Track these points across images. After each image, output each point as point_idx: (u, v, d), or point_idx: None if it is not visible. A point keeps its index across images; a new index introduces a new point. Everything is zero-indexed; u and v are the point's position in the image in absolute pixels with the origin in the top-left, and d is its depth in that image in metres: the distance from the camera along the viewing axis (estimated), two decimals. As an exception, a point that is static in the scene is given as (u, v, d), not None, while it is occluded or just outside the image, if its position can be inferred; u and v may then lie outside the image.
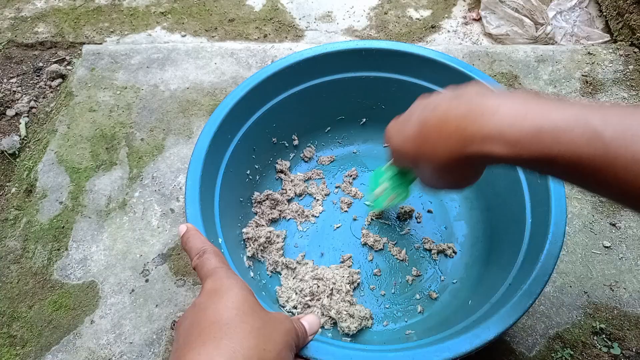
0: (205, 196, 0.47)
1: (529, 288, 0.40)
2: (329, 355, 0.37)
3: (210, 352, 0.27)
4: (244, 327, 0.29)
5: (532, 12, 0.90)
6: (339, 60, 0.58)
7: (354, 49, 0.57)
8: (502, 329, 0.38)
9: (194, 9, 0.98)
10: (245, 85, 0.54)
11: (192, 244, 0.37)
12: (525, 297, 0.40)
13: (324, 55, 0.57)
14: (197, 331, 0.29)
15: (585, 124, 0.26)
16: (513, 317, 0.38)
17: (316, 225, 0.60)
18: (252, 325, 0.30)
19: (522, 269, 0.44)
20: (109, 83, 0.79)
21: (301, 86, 0.59)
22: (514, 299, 0.40)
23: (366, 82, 0.61)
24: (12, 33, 0.90)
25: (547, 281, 0.40)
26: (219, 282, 0.33)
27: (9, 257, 0.61)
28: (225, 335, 0.28)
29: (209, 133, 0.50)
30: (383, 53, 0.57)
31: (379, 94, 0.62)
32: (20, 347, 0.54)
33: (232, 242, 0.50)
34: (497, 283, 0.45)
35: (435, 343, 0.38)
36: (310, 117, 0.63)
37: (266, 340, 0.29)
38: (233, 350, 0.28)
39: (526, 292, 0.40)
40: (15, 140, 0.72)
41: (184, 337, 0.30)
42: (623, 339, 0.54)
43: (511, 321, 0.38)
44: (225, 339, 0.28)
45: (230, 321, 0.29)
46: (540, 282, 0.40)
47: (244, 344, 0.28)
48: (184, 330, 0.30)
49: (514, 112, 0.28)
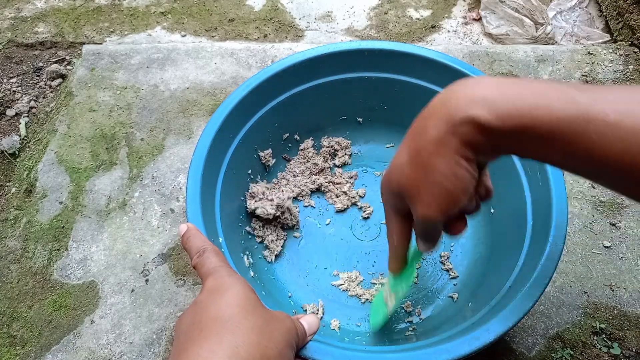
0: (206, 195, 0.47)
1: (529, 290, 0.40)
2: (327, 356, 0.37)
3: (213, 347, 0.27)
4: (246, 324, 0.29)
5: (532, 12, 0.90)
6: (341, 61, 0.58)
7: (357, 49, 0.57)
8: (501, 331, 0.38)
9: (194, 9, 0.98)
10: (247, 85, 0.54)
11: (192, 243, 0.37)
12: (525, 300, 0.39)
13: (327, 55, 0.57)
14: (198, 328, 0.29)
15: (561, 90, 0.27)
16: (512, 320, 0.38)
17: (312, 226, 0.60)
18: (254, 322, 0.30)
19: (522, 271, 0.44)
20: (109, 83, 0.79)
21: (303, 86, 0.59)
22: (514, 301, 0.39)
23: (369, 82, 0.60)
24: (12, 33, 0.90)
25: (548, 284, 0.40)
26: (220, 280, 0.33)
27: (9, 257, 0.61)
28: (227, 331, 0.28)
29: (210, 132, 0.50)
30: (386, 54, 0.57)
31: (382, 94, 0.62)
32: (20, 347, 0.54)
33: (232, 242, 0.50)
34: (498, 285, 0.45)
35: (435, 345, 0.38)
36: (313, 116, 0.63)
37: (268, 338, 0.29)
38: (235, 346, 0.27)
39: (526, 294, 0.40)
40: (15, 140, 0.72)
41: (185, 334, 0.30)
42: (623, 339, 0.54)
43: (510, 323, 0.38)
44: (227, 335, 0.28)
45: (232, 318, 0.29)
46: (540, 284, 0.40)
47: (246, 341, 0.28)
48: (185, 328, 0.30)
49: (496, 82, 0.29)
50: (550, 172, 0.46)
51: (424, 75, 0.58)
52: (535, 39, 0.90)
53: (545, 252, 0.42)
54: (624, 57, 0.81)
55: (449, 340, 0.38)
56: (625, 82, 0.77)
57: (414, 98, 0.60)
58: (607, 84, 0.77)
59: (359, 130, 0.66)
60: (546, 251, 0.42)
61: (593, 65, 0.80)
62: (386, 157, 0.65)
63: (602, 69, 0.79)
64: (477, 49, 0.83)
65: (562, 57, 0.81)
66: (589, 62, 0.80)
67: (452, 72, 0.55)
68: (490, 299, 0.44)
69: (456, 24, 0.97)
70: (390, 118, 0.64)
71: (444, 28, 0.96)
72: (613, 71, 0.79)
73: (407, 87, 0.59)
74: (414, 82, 0.59)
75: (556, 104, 0.27)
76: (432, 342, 0.39)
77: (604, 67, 0.79)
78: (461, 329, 0.41)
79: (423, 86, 0.58)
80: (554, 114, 0.26)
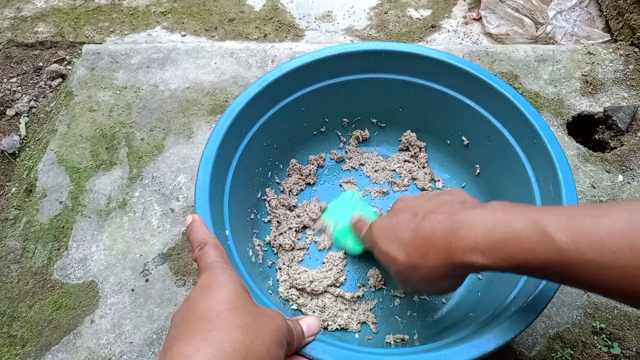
0: (215, 187, 0.47)
1: (532, 302, 0.39)
2: (325, 354, 0.37)
3: (198, 343, 0.28)
4: (233, 321, 0.30)
5: (532, 11, 0.90)
6: (358, 61, 0.58)
7: (375, 50, 0.57)
8: (502, 342, 0.37)
9: (194, 9, 0.98)
10: (263, 81, 0.54)
11: (195, 235, 0.39)
12: (528, 312, 0.39)
13: (344, 54, 0.57)
14: (186, 324, 0.30)
15: (541, 232, 0.30)
16: (514, 331, 0.38)
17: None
18: (242, 319, 0.30)
19: (527, 283, 0.43)
20: (109, 83, 0.79)
21: (318, 85, 0.59)
22: (516, 313, 0.39)
23: (385, 84, 0.60)
24: (12, 33, 0.90)
25: (553, 297, 0.40)
26: (213, 277, 0.33)
27: (9, 257, 0.61)
28: (213, 327, 0.29)
29: (223, 126, 0.50)
30: (403, 56, 0.57)
31: (397, 96, 0.62)
32: (20, 347, 0.54)
33: (238, 234, 0.50)
34: (501, 295, 0.45)
35: (433, 350, 0.37)
36: (327, 116, 0.63)
37: (255, 335, 0.30)
38: (220, 342, 0.28)
39: (530, 306, 0.39)
40: (15, 140, 0.72)
41: (174, 329, 0.30)
42: (623, 338, 0.54)
43: (512, 335, 0.37)
44: (213, 331, 0.28)
45: (220, 314, 0.30)
46: (545, 297, 0.40)
47: (231, 337, 0.28)
48: (175, 323, 0.31)
49: (485, 224, 0.32)
50: (563, 183, 0.46)
51: (439, 79, 0.58)
52: (536, 39, 0.90)
53: None
54: (624, 57, 0.81)
55: (448, 346, 0.37)
56: (626, 82, 0.77)
57: (429, 102, 0.60)
58: (607, 83, 0.77)
59: (373, 131, 0.67)
60: None
61: (593, 65, 0.80)
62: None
63: (602, 69, 0.79)
64: (477, 48, 0.83)
65: (562, 56, 0.81)
66: (589, 62, 0.80)
67: (468, 77, 0.55)
68: (492, 309, 0.44)
69: (456, 24, 0.97)
70: (406, 121, 0.64)
71: (444, 28, 0.96)
72: (613, 71, 0.79)
73: (422, 90, 0.59)
74: (429, 86, 0.59)
75: (538, 247, 0.30)
76: (431, 348, 0.39)
77: (604, 67, 0.79)
78: (461, 336, 0.41)
79: (438, 90, 0.58)
80: (540, 257, 0.30)
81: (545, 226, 0.29)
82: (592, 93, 0.76)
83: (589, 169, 0.67)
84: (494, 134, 0.56)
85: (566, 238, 0.29)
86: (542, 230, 0.29)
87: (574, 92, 0.76)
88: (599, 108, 0.74)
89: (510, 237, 0.31)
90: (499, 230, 0.31)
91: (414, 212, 0.38)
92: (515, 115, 0.52)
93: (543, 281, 0.41)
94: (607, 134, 0.72)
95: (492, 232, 0.31)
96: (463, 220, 0.33)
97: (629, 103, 0.74)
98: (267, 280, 0.54)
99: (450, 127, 0.62)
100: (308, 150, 0.65)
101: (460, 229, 0.33)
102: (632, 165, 0.68)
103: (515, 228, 0.31)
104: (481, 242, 0.32)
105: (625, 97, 0.75)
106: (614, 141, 0.71)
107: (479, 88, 0.55)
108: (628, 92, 0.76)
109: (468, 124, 0.59)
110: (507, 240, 0.31)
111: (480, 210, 0.34)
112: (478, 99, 0.56)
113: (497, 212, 0.33)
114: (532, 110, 0.51)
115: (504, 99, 0.52)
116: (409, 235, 0.37)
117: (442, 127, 0.62)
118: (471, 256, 0.32)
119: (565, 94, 0.76)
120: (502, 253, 0.31)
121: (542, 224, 0.30)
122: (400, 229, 0.38)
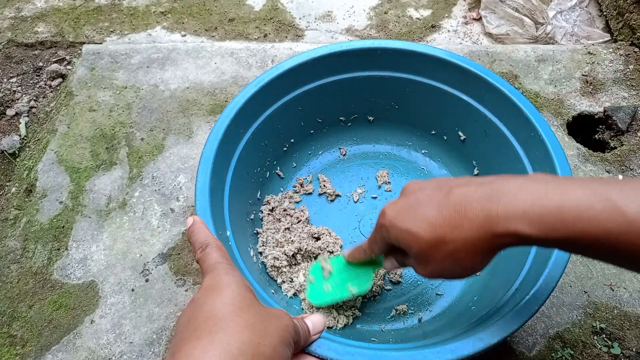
0: (215, 189, 0.47)
1: (535, 293, 0.39)
2: (330, 352, 0.37)
3: (205, 345, 0.28)
4: (239, 322, 0.30)
5: (532, 11, 0.90)
6: (353, 59, 0.58)
7: (370, 47, 0.57)
8: (506, 334, 0.37)
9: (194, 9, 0.98)
10: (260, 81, 0.54)
11: (197, 237, 0.38)
12: (531, 303, 0.39)
13: (340, 53, 0.57)
14: (193, 326, 0.29)
15: (605, 199, 0.27)
16: (517, 323, 0.38)
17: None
18: (248, 320, 0.30)
19: (529, 274, 0.43)
20: (109, 83, 0.79)
21: (314, 84, 0.59)
22: (520, 304, 0.39)
23: (381, 81, 0.60)
24: (12, 33, 0.90)
25: (555, 287, 0.40)
26: (217, 279, 0.33)
27: (9, 257, 0.61)
28: (220, 329, 0.29)
29: (221, 127, 0.50)
30: (399, 53, 0.57)
31: (393, 93, 0.62)
32: (20, 347, 0.54)
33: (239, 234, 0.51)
34: (504, 288, 0.45)
35: (438, 344, 0.38)
36: (323, 114, 0.64)
37: (261, 335, 0.30)
38: (227, 344, 0.28)
39: (533, 297, 0.39)
40: (15, 140, 0.72)
41: (180, 332, 0.30)
42: (623, 338, 0.54)
43: (515, 326, 0.38)
44: (220, 333, 0.28)
45: (226, 316, 0.30)
46: (547, 288, 0.40)
47: (238, 338, 0.28)
48: (181, 325, 0.31)
49: (535, 191, 0.29)
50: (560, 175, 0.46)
51: (435, 76, 0.58)
52: (536, 39, 0.90)
53: (553, 255, 0.42)
54: (624, 57, 0.81)
55: (453, 340, 0.38)
56: (626, 82, 0.77)
57: (425, 98, 0.60)
58: (607, 83, 0.77)
59: (369, 128, 0.67)
60: (554, 255, 0.42)
61: (593, 65, 0.80)
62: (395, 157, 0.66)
63: (602, 69, 0.79)
64: (477, 48, 0.83)
65: (562, 56, 0.81)
66: (589, 62, 0.80)
67: (463, 72, 0.55)
68: (495, 301, 0.44)
69: (456, 24, 0.97)
70: (402, 117, 0.65)
71: (444, 28, 0.96)
72: (613, 71, 0.79)
73: (419, 87, 0.59)
74: (425, 82, 0.59)
75: (601, 217, 0.27)
76: (436, 342, 0.39)
77: (604, 67, 0.79)
78: (465, 330, 0.41)
79: (434, 86, 0.58)
80: (601, 227, 0.27)
81: (611, 195, 0.27)
82: (592, 93, 0.76)
83: (589, 169, 0.67)
84: (490, 128, 0.56)
85: (635, 207, 0.26)
86: (607, 199, 0.27)
87: (574, 92, 0.76)
88: (599, 108, 0.74)
89: (566, 206, 0.28)
90: (552, 198, 0.28)
91: (435, 189, 0.35)
92: (511, 109, 0.52)
93: (545, 272, 0.41)
94: (607, 134, 0.72)
95: (544, 199, 0.28)
96: (506, 189, 0.30)
97: (629, 103, 0.74)
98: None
99: (446, 123, 0.62)
100: (306, 150, 0.65)
101: (503, 195, 0.30)
102: (632, 165, 0.68)
103: (573, 197, 0.28)
104: (529, 210, 0.28)
105: (625, 97, 0.75)
106: (614, 141, 0.71)
107: (474, 83, 0.55)
108: (628, 92, 0.76)
109: (464, 119, 0.59)
110: (561, 209, 0.28)
111: (525, 179, 0.31)
112: (473, 93, 0.56)
113: (547, 181, 0.30)
114: (528, 103, 0.51)
115: (500, 93, 0.53)
116: (434, 209, 0.33)
117: (438, 123, 0.63)
118: (517, 224, 0.29)
119: (565, 94, 0.76)
120: (556, 222, 0.28)
121: (605, 193, 0.27)
122: (422, 205, 0.34)
